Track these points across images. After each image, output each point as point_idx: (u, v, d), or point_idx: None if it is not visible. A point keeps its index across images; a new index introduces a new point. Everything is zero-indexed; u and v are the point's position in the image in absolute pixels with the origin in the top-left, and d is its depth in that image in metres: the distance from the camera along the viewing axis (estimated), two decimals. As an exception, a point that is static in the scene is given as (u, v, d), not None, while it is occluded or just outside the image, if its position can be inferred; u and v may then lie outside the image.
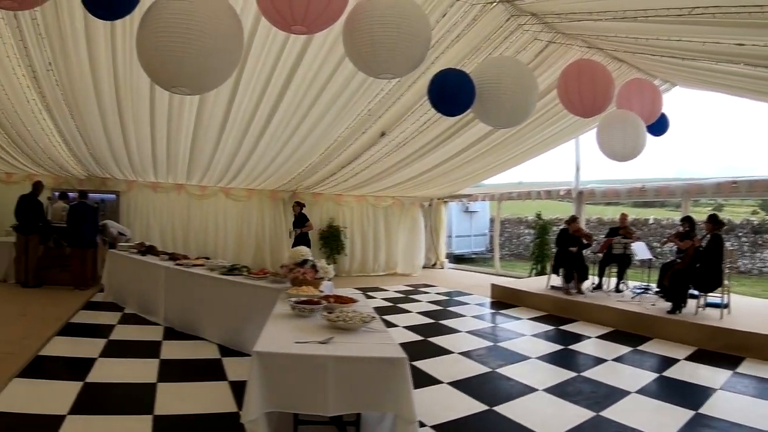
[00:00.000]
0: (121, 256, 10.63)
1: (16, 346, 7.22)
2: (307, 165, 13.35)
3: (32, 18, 7.48)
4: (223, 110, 9.80)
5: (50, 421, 4.91)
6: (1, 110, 10.17)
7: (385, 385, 3.74)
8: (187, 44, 4.34)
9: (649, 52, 8.43)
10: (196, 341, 7.97)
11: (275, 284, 7.08)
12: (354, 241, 17.18)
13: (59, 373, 6.36)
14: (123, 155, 12.24)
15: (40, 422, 4.92)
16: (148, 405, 5.44)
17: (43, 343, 7.44)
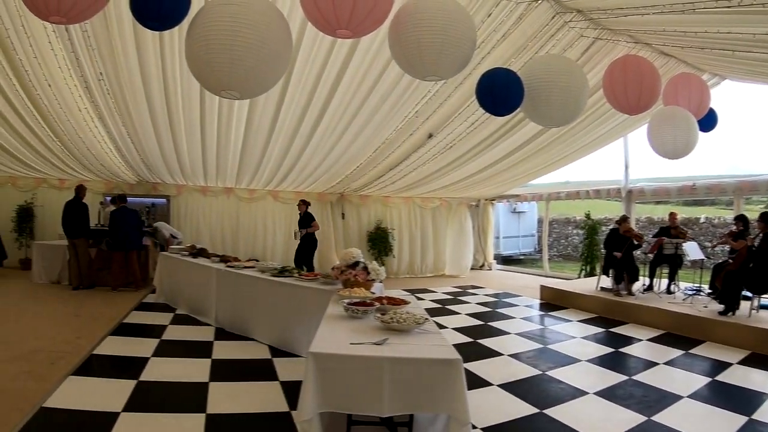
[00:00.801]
0: (172, 258, 10.81)
1: (70, 346, 7.41)
2: (355, 167, 13.39)
3: (83, 30, 7.75)
4: (272, 114, 9.90)
5: (105, 418, 5.02)
6: (55, 119, 10.52)
7: (439, 386, 3.72)
8: (235, 49, 4.39)
9: (697, 45, 8.19)
10: (247, 342, 8.03)
11: (326, 286, 7.07)
12: (402, 243, 17.14)
13: (113, 372, 6.49)
14: (174, 160, 12.48)
15: (95, 419, 5.03)
16: (201, 404, 5.51)
17: (96, 342, 7.61)
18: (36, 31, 8.01)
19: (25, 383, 5.94)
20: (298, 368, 6.59)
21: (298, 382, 5.86)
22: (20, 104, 10.14)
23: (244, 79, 4.58)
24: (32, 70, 8.92)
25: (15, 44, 8.30)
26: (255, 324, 8.19)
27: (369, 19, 4.60)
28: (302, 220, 13.39)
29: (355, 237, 16.49)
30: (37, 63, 8.71)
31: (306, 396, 3.70)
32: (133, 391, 5.76)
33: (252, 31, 4.39)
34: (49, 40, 8.17)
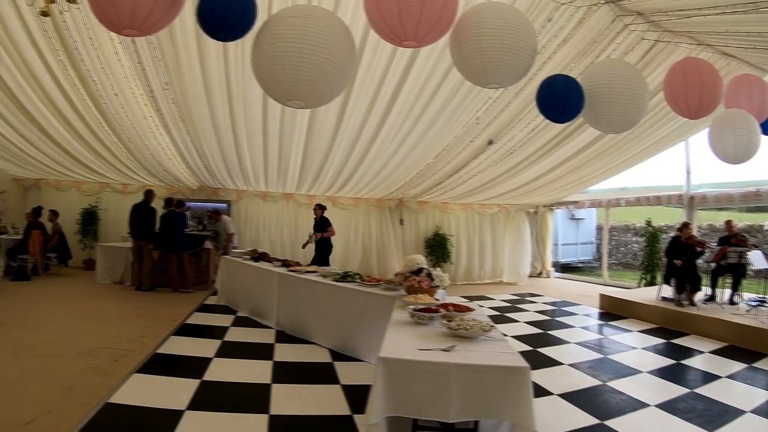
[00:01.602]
0: (234, 262, 10.99)
1: (135, 344, 7.63)
2: (415, 174, 13.35)
3: (148, 42, 8.04)
4: (333, 122, 10.00)
5: (170, 416, 5.17)
6: (121, 127, 10.94)
7: (506, 394, 3.74)
8: (302, 60, 4.46)
9: (761, 46, 7.97)
10: (308, 345, 8.11)
11: (388, 292, 7.10)
12: (460, 249, 17.04)
13: (176, 371, 6.66)
14: (235, 166, 12.73)
15: (161, 416, 5.18)
16: (264, 404, 5.60)
17: (160, 341, 7.82)
18: (103, 43, 8.37)
19: (91, 379, 6.14)
20: (359, 372, 6.76)
21: (360, 386, 5.99)
22: (87, 113, 10.57)
23: (310, 89, 4.65)
24: (99, 80, 9.30)
25: (83, 56, 8.69)
26: (316, 328, 8.26)
27: (435, 29, 4.62)
28: (318, 224, 13.09)
29: (413, 243, 16.46)
30: (104, 74, 9.08)
31: (374, 400, 3.74)
32: (197, 390, 5.90)
33: (317, 43, 4.47)
34: (115, 51, 8.51)
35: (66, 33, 8.23)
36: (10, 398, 5.49)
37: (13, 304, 10.19)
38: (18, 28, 8.40)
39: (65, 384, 5.95)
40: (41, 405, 5.32)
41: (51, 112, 10.87)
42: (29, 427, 4.81)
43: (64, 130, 11.64)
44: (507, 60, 4.89)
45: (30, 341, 7.59)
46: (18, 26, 8.36)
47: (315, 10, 4.84)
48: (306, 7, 4.85)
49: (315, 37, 4.47)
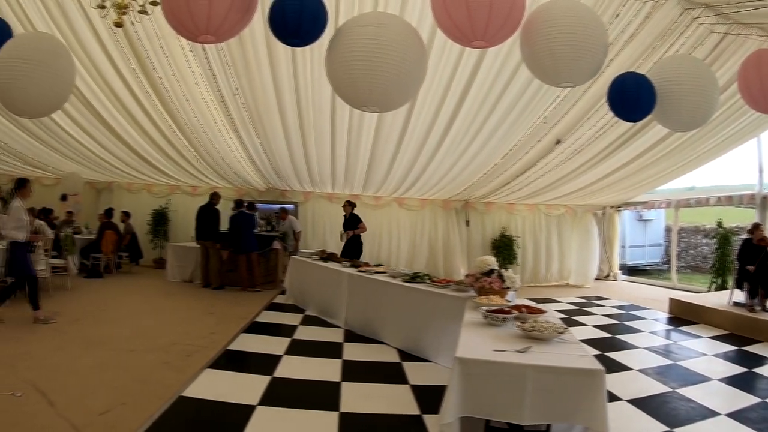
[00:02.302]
0: (303, 262, 11.14)
1: (206, 340, 7.83)
2: (482, 175, 13.22)
3: (218, 49, 8.25)
4: (401, 124, 10.03)
5: (242, 410, 5.28)
6: (192, 131, 11.28)
7: (580, 397, 3.72)
8: (376, 68, 4.51)
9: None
10: (376, 345, 8.14)
11: (458, 293, 7.07)
12: (526, 251, 16.79)
13: (247, 367, 6.85)
14: (303, 169, 12.94)
15: (233, 410, 5.31)
16: (334, 402, 5.66)
17: (230, 338, 8.01)
18: (174, 51, 8.66)
19: (164, 373, 6.35)
20: (427, 373, 6.77)
21: (429, 387, 6.05)
22: (159, 118, 10.93)
23: (384, 95, 4.70)
24: (171, 87, 9.61)
25: (154, 64, 9.00)
26: (384, 327, 8.29)
27: (504, 28, 4.57)
28: (348, 221, 12.96)
29: (479, 245, 16.27)
30: (176, 80, 9.39)
31: (449, 400, 3.77)
32: (268, 386, 6.02)
33: (391, 51, 4.51)
34: (186, 59, 8.79)
35: (138, 42, 8.52)
36: (86, 389, 5.71)
37: (87, 300, 10.58)
38: (91, 40, 8.79)
39: (139, 377, 6.16)
40: (116, 396, 5.52)
41: (124, 118, 11.28)
42: (104, 417, 5.00)
43: (137, 134, 12.07)
44: (580, 58, 4.81)
45: (104, 336, 7.89)
46: (91, 38, 8.75)
47: (387, 17, 4.90)
48: (378, 15, 4.94)
49: (388, 45, 4.51)
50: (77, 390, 5.67)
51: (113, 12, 6.32)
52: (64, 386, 5.74)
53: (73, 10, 8.27)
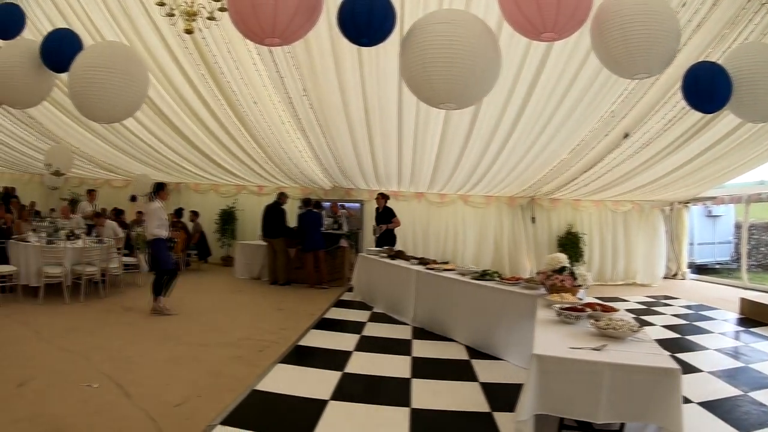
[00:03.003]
0: (371, 259, 11.18)
1: (276, 336, 7.99)
2: (548, 170, 12.99)
3: (285, 52, 8.36)
4: (468, 120, 9.94)
5: (314, 405, 5.37)
6: (260, 133, 11.49)
7: (655, 396, 3.68)
8: (453, 65, 4.50)
9: None
10: (444, 342, 8.11)
11: (528, 290, 7.02)
12: (592, 248, 16.38)
13: (318, 362, 6.90)
14: (369, 167, 13.00)
15: (305, 404, 5.41)
16: (405, 398, 5.69)
17: (300, 334, 8.14)
18: (241, 56, 8.83)
19: (237, 367, 6.50)
20: (497, 370, 6.74)
21: (499, 384, 6.11)
22: (227, 120, 11.17)
23: (462, 91, 4.69)
24: (239, 90, 9.81)
25: (222, 68, 9.21)
26: (453, 325, 8.26)
27: (573, 19, 4.50)
28: (381, 215, 12.70)
29: (545, 242, 15.97)
30: (244, 84, 9.58)
31: (525, 397, 3.77)
32: (339, 382, 6.09)
33: (466, 47, 4.49)
34: (253, 62, 8.96)
35: (206, 48, 8.75)
36: (161, 381, 5.90)
37: None
38: (159, 47, 9.11)
39: (213, 370, 6.33)
40: (191, 389, 5.69)
41: (192, 121, 11.61)
42: (180, 409, 5.16)
43: (205, 137, 12.37)
44: (655, 47, 4.70)
45: (177, 331, 8.13)
46: (159, 45, 9.07)
47: (459, 14, 4.90)
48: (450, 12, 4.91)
49: (463, 41, 4.49)
50: (152, 382, 5.85)
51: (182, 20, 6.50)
52: (140, 378, 5.93)
53: (141, 19, 8.60)
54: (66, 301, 9.61)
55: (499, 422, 5.10)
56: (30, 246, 9.94)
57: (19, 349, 6.84)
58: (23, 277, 9.78)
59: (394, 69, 8.09)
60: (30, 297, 9.66)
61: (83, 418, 4.85)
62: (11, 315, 8.56)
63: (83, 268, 10.01)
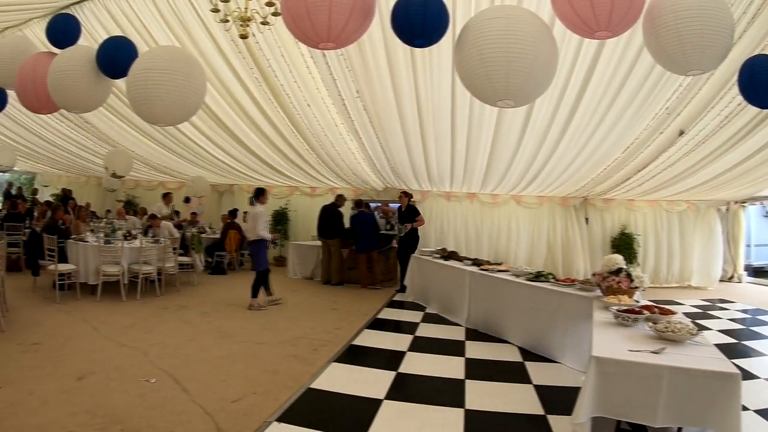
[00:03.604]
0: (424, 260, 11.18)
1: (331, 335, 8.08)
2: (602, 170, 12.73)
3: (338, 55, 8.45)
4: (521, 120, 9.85)
5: (369, 404, 5.41)
6: (313, 135, 11.63)
7: (715, 401, 3.62)
8: (511, 60, 4.46)
9: None
10: (498, 343, 8.06)
11: (584, 292, 6.96)
12: (647, 250, 15.93)
13: (372, 362, 6.96)
14: (422, 168, 12.92)
15: (360, 403, 5.47)
16: (459, 399, 5.67)
17: (354, 334, 8.21)
18: (294, 59, 8.98)
19: (292, 365, 6.60)
20: (550, 373, 6.68)
21: (553, 387, 6.06)
22: (281, 123, 11.34)
23: (520, 88, 4.64)
24: (292, 93, 9.96)
25: (276, 72, 9.36)
26: (507, 326, 8.21)
27: (627, 17, 4.45)
28: (405, 214, 12.51)
29: (598, 243, 15.65)
30: (297, 87, 9.71)
31: (583, 398, 3.76)
32: (394, 381, 6.12)
33: (524, 42, 4.45)
34: (306, 65, 9.09)
35: (259, 53, 8.92)
36: (217, 378, 6.01)
37: (213, 295, 11.20)
38: (213, 52, 9.33)
39: (269, 368, 6.42)
40: (247, 386, 5.79)
41: (246, 125, 11.82)
42: (237, 405, 5.25)
43: (259, 139, 12.57)
44: (709, 43, 4.61)
45: (233, 329, 8.27)
46: (213, 50, 9.29)
47: (513, 9, 4.88)
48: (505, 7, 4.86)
49: (520, 36, 4.46)
50: (209, 378, 5.97)
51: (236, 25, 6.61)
52: (196, 375, 6.07)
53: (194, 26, 8.85)
54: (123, 299, 9.88)
55: (553, 426, 5.04)
56: (88, 246, 10.21)
57: (78, 345, 7.05)
58: (82, 276, 10.05)
59: (447, 68, 8.18)
60: (88, 295, 9.94)
61: (142, 411, 4.98)
62: (71, 312, 8.81)
63: (140, 267, 10.25)
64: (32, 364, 6.19)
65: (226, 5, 6.66)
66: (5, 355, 6.43)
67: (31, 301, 9.47)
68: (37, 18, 9.81)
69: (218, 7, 6.49)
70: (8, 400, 5.08)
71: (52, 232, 9.98)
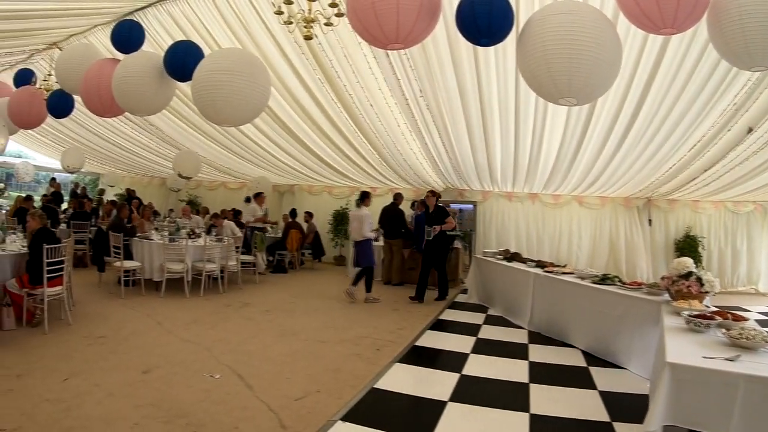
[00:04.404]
0: (486, 261, 11.07)
1: (393, 335, 8.07)
2: (667, 170, 12.37)
3: (401, 55, 8.41)
4: (585, 118, 9.66)
5: (433, 405, 5.37)
6: (375, 135, 11.62)
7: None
8: (574, 57, 4.37)
9: None
10: (561, 347, 7.93)
11: (652, 296, 6.73)
12: (711, 253, 15.38)
13: (435, 363, 6.93)
14: (485, 168, 12.81)
15: (425, 405, 5.44)
16: (524, 403, 5.57)
17: (417, 334, 8.17)
18: (357, 60, 8.95)
19: (356, 364, 6.60)
20: (615, 379, 6.53)
21: (618, 394, 5.91)
22: (342, 123, 11.38)
23: (584, 86, 4.53)
24: (355, 93, 9.96)
25: (338, 72, 9.38)
26: (571, 329, 8.07)
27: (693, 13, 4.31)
28: (432, 216, 11.38)
29: (661, 245, 15.20)
30: (360, 87, 9.70)
31: (656, 406, 3.64)
32: (458, 383, 6.04)
33: (589, 38, 4.35)
34: (369, 66, 9.03)
35: (322, 54, 8.93)
36: (281, 375, 6.06)
37: (275, 293, 11.25)
38: (276, 55, 9.41)
39: (332, 367, 6.44)
40: (311, 384, 5.81)
41: (308, 125, 11.89)
42: (301, 402, 5.27)
43: (320, 140, 12.64)
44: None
45: (295, 326, 8.33)
46: (275, 53, 9.36)
47: (577, 5, 4.70)
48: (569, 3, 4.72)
49: (585, 32, 4.35)
50: (272, 376, 6.02)
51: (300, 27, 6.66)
52: (260, 372, 6.11)
53: (257, 28, 8.90)
54: (186, 295, 10.06)
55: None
56: (153, 243, 10.44)
57: (143, 339, 7.20)
58: (146, 272, 10.28)
59: (512, 66, 8.10)
60: (152, 291, 10.13)
61: (206, 406, 5.04)
62: (135, 307, 9.00)
63: (203, 264, 10.43)
64: (98, 356, 6.34)
65: (289, 7, 6.71)
66: (72, 348, 6.60)
67: (96, 296, 9.70)
68: (102, 25, 10.06)
69: (282, 9, 6.53)
70: (74, 390, 5.21)
71: (118, 230, 10.20)
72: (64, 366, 5.90)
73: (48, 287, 7.27)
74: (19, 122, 8.94)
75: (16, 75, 9.60)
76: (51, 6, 8.49)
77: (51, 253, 7.23)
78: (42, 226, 7.70)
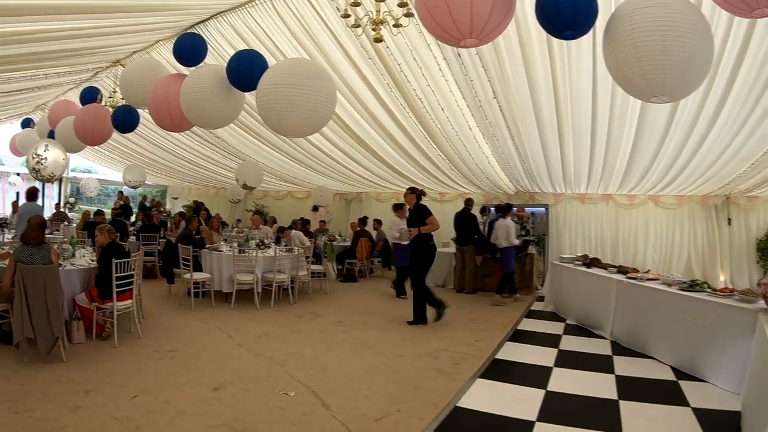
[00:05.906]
0: (564, 267, 10.67)
1: (472, 348, 7.79)
2: (749, 165, 11.58)
3: (472, 54, 8.15)
4: (666, 115, 9.21)
5: (521, 426, 5.06)
6: (447, 139, 11.39)
7: None
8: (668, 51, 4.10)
9: None
10: (645, 359, 7.54)
11: (744, 303, 6.31)
12: None
13: (518, 378, 6.56)
14: (558, 169, 12.50)
15: (511, 425, 5.10)
16: (615, 422, 5.25)
17: (496, 347, 7.88)
18: (427, 62, 8.69)
19: (436, 380, 6.33)
20: (708, 395, 6.14)
21: (713, 411, 5.56)
22: (412, 128, 11.19)
23: (678, 82, 4.27)
24: (425, 97, 9.72)
25: (407, 76, 9.15)
26: (656, 341, 7.64)
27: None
28: (413, 215, 9.60)
29: (742, 246, 14.30)
30: (430, 90, 9.45)
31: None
32: (544, 401, 5.75)
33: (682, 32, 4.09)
34: (439, 68, 8.77)
35: (390, 58, 8.72)
36: (358, 393, 5.83)
37: (347, 303, 11.09)
38: (342, 61, 9.24)
39: (411, 383, 6.19)
40: (390, 402, 5.57)
41: (376, 132, 11.76)
42: (381, 423, 5.03)
43: (389, 146, 12.50)
44: None
45: (370, 339, 8.12)
46: (342, 60, 9.19)
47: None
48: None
49: (678, 27, 4.08)
50: (349, 393, 5.80)
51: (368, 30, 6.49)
52: (336, 388, 5.91)
53: (321, 35, 8.73)
54: (257, 306, 9.99)
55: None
56: (222, 255, 10.42)
57: (214, 353, 7.12)
58: (216, 284, 10.27)
59: (587, 63, 7.84)
60: (222, 302, 10.10)
61: (282, 426, 4.87)
62: (206, 319, 8.95)
63: (273, 275, 10.34)
64: (168, 371, 6.26)
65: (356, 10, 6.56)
66: (142, 362, 6.55)
67: (166, 308, 9.73)
68: (164, 39, 10.15)
69: (348, 12, 6.37)
70: (145, 408, 5.11)
71: (187, 242, 10.20)
72: (133, 381, 5.84)
73: (117, 301, 7.28)
74: (85, 139, 9.06)
75: (82, 93, 9.78)
76: (114, 23, 8.50)
77: (120, 267, 7.23)
78: (111, 241, 7.70)
